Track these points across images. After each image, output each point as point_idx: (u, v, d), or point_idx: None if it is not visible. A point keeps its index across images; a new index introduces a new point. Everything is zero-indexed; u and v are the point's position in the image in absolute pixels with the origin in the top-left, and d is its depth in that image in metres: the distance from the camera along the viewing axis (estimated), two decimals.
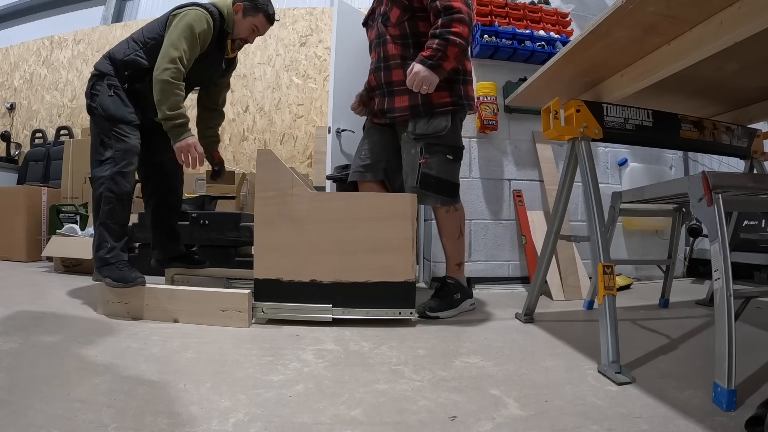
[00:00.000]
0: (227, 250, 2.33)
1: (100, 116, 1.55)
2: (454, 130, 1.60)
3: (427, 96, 1.52)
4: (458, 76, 1.58)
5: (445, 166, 1.57)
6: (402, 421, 0.78)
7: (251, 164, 4.30)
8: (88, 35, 5.04)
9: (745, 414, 0.75)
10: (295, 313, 1.43)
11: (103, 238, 1.51)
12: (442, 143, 1.56)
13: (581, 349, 1.20)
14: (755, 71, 1.27)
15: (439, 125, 1.55)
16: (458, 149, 1.62)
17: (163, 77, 1.47)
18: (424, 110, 1.55)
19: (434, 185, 1.56)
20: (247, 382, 0.94)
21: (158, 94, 1.48)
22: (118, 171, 1.51)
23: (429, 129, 1.55)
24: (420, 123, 1.56)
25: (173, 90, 1.48)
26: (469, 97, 1.63)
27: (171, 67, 1.48)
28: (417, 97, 1.54)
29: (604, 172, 2.51)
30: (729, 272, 0.86)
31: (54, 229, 2.76)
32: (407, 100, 1.56)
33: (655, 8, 0.93)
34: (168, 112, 1.48)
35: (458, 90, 1.58)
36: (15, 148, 4.86)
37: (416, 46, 1.54)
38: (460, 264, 1.70)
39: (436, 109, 1.55)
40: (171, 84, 1.48)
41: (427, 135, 1.55)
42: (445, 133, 1.56)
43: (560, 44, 2.31)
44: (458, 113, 1.61)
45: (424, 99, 1.53)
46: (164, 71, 1.47)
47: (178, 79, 1.50)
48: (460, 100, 1.58)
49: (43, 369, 0.98)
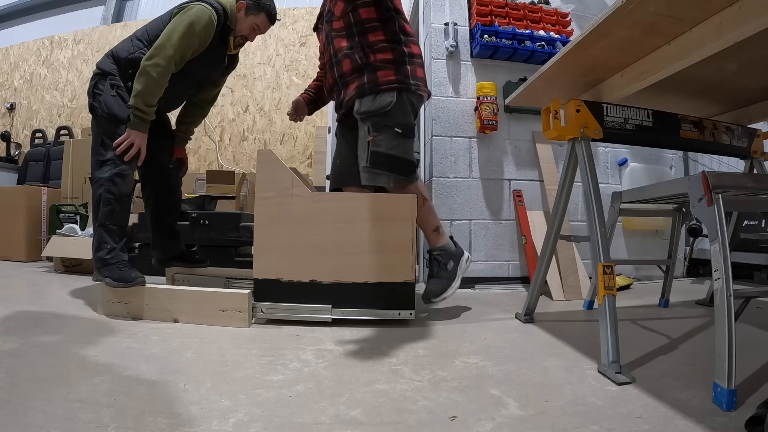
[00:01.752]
0: (227, 250, 2.33)
1: (102, 116, 1.56)
2: (402, 107, 1.56)
3: (373, 75, 1.52)
4: (404, 57, 1.57)
5: (394, 141, 1.53)
6: (402, 421, 0.78)
7: (251, 164, 4.30)
8: (88, 35, 5.05)
9: (745, 414, 0.75)
10: (294, 314, 1.43)
11: (102, 239, 1.51)
12: (390, 119, 1.53)
13: (581, 349, 1.20)
14: (755, 71, 1.27)
15: (384, 101, 1.53)
16: (408, 126, 1.57)
17: (152, 73, 1.48)
18: (369, 88, 1.54)
19: (385, 163, 1.52)
20: (247, 382, 0.94)
21: (140, 85, 1.49)
22: (118, 172, 1.52)
23: (374, 105, 1.53)
24: (365, 101, 1.55)
25: (154, 89, 1.51)
26: (417, 77, 1.59)
27: (162, 65, 1.49)
28: (363, 78, 1.54)
29: (604, 172, 2.51)
30: (729, 272, 0.86)
31: (54, 229, 2.77)
32: (356, 84, 1.57)
33: (655, 8, 0.93)
34: (142, 105, 1.50)
35: (405, 70, 1.56)
36: (15, 148, 4.86)
37: (360, 33, 1.55)
38: (437, 229, 1.66)
39: (381, 86, 1.53)
40: (156, 82, 1.50)
41: (373, 112, 1.53)
42: (391, 108, 1.53)
43: (560, 44, 2.31)
44: (404, 92, 1.56)
45: (369, 78, 1.53)
46: (155, 66, 1.49)
47: (164, 78, 1.52)
48: (406, 79, 1.56)
49: (43, 369, 0.98)
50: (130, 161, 1.54)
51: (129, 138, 1.51)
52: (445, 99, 2.35)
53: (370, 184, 1.56)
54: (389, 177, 1.53)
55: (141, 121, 1.52)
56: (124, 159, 1.52)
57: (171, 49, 1.50)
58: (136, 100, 1.49)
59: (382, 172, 1.52)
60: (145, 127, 1.54)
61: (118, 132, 1.53)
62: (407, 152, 1.57)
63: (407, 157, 1.57)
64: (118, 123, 1.53)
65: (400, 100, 1.54)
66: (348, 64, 1.58)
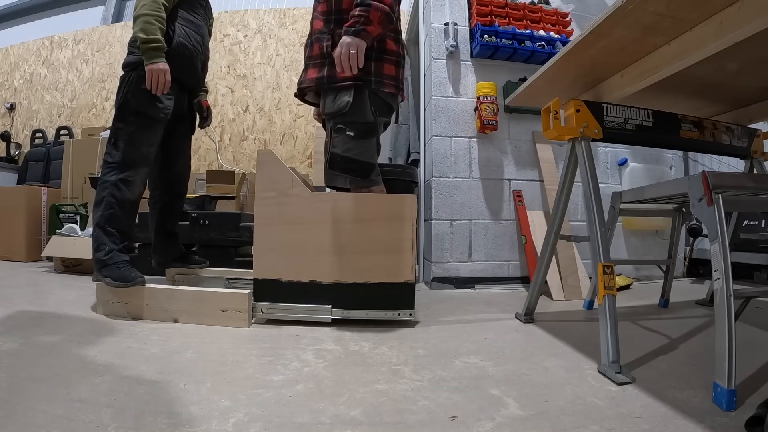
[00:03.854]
0: (227, 250, 2.33)
1: (126, 113, 1.55)
2: (361, 106, 1.51)
3: (332, 70, 1.48)
4: (371, 52, 1.50)
5: (348, 144, 1.50)
6: (402, 421, 0.78)
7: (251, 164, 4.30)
8: (88, 35, 5.04)
9: (745, 414, 0.75)
10: (294, 314, 1.43)
11: (100, 240, 1.51)
12: (345, 120, 1.51)
13: (581, 349, 1.20)
14: (755, 71, 1.27)
15: (342, 102, 1.50)
16: (363, 125, 1.51)
17: (143, 12, 1.51)
18: (327, 82, 1.51)
19: (341, 164, 1.51)
20: (247, 382, 0.94)
21: (136, 26, 1.51)
22: (123, 178, 1.52)
23: (334, 107, 1.52)
24: (328, 101, 1.54)
25: (152, 20, 1.51)
26: (381, 74, 1.52)
27: (148, 2, 1.51)
28: (324, 71, 1.52)
29: (604, 172, 2.51)
30: (729, 272, 0.86)
31: (54, 229, 2.76)
32: (316, 72, 1.54)
33: (655, 8, 0.93)
34: (145, 36, 1.50)
35: (368, 66, 1.50)
36: (15, 148, 4.86)
37: (338, 22, 1.51)
38: None
39: (338, 83, 1.50)
40: (151, 15, 1.51)
41: (333, 113, 1.52)
42: (348, 109, 1.49)
43: (560, 44, 2.31)
44: (363, 88, 1.51)
45: (329, 72, 1.51)
46: (142, 6, 1.52)
47: (158, 10, 1.52)
48: (366, 76, 1.50)
49: (43, 369, 0.98)
50: (137, 168, 1.55)
51: (151, 72, 1.51)
52: (445, 99, 2.35)
53: (329, 185, 1.56)
54: (345, 179, 1.52)
55: (152, 51, 1.51)
56: (156, 91, 1.54)
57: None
58: (139, 39, 1.50)
59: (339, 173, 1.52)
60: (160, 56, 1.53)
61: (133, 136, 1.54)
62: (363, 153, 1.53)
63: (363, 158, 1.53)
64: (143, 117, 1.55)
65: (358, 99, 1.49)
66: (317, 49, 1.55)
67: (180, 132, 1.80)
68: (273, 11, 4.68)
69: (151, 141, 1.59)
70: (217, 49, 4.52)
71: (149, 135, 1.58)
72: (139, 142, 1.55)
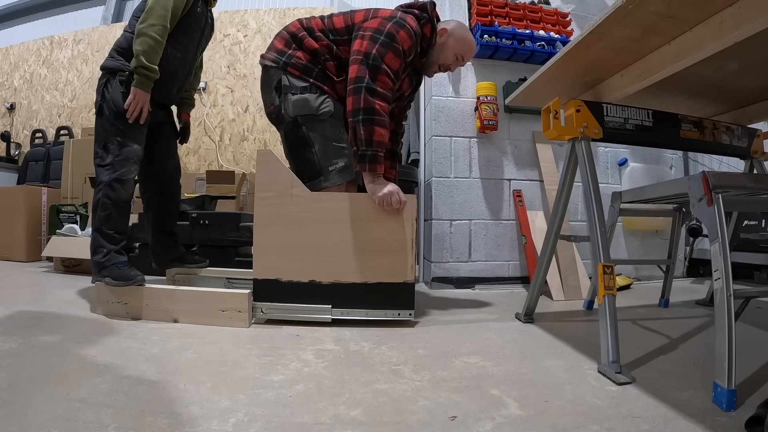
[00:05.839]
0: (227, 250, 2.33)
1: (109, 115, 1.56)
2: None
3: None
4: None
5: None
6: (402, 421, 0.78)
7: (251, 164, 4.30)
8: (88, 35, 5.04)
9: (745, 414, 0.75)
10: (294, 314, 1.43)
11: (98, 243, 1.52)
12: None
13: (581, 349, 1.20)
14: (755, 71, 1.28)
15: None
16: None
17: (149, 32, 1.51)
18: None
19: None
20: (247, 382, 0.94)
21: (140, 45, 1.51)
22: (116, 178, 1.52)
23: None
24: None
25: (155, 46, 1.53)
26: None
27: (157, 23, 1.52)
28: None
29: (604, 172, 2.51)
30: (729, 272, 0.86)
31: (54, 229, 2.76)
32: None
33: (655, 8, 0.93)
34: (144, 62, 1.51)
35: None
36: (15, 148, 4.86)
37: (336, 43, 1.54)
38: None
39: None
40: (155, 40, 1.52)
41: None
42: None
43: (560, 44, 2.31)
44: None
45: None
46: (151, 26, 1.51)
47: (162, 35, 1.54)
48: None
49: (43, 369, 0.98)
50: (130, 165, 1.55)
51: (135, 98, 1.52)
52: (445, 99, 2.35)
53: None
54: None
55: (145, 79, 1.53)
56: (129, 120, 1.54)
57: (161, 9, 1.53)
58: (138, 60, 1.51)
59: None
60: (149, 86, 1.55)
61: (118, 138, 1.54)
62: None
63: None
64: (125, 122, 1.54)
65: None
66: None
67: (165, 133, 1.80)
68: (273, 11, 4.67)
69: (137, 138, 1.59)
70: (217, 49, 4.51)
71: (135, 132, 1.58)
72: (126, 140, 1.55)
